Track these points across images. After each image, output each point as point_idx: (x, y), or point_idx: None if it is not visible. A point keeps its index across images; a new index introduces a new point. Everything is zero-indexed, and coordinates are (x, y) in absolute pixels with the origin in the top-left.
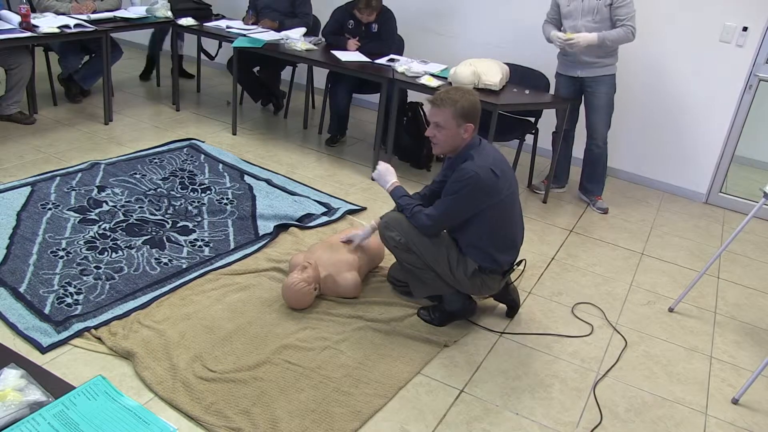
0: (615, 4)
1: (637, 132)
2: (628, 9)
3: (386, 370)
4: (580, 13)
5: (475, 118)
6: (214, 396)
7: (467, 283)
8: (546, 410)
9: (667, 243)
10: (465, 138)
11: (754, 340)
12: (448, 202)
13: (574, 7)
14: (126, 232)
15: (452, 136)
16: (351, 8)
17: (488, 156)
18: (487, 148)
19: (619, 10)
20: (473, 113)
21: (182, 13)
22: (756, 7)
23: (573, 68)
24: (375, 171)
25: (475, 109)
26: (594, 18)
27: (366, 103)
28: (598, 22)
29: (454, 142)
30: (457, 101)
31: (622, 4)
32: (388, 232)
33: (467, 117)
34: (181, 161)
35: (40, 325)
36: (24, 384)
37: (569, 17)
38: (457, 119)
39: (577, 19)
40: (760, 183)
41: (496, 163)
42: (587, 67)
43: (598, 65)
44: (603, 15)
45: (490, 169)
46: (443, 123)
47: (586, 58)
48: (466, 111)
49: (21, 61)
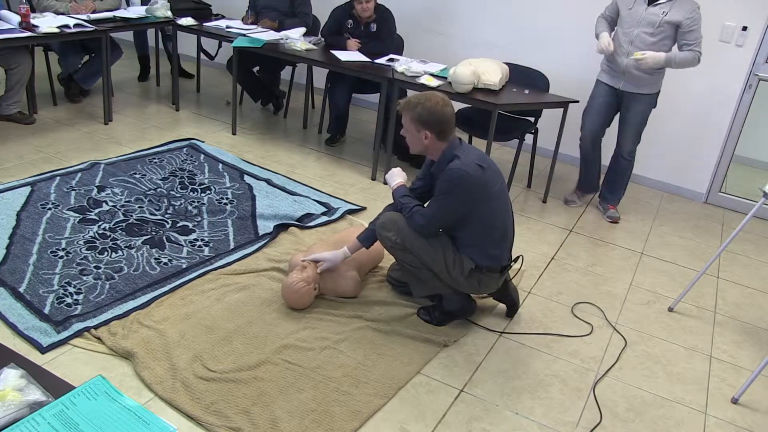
0: (684, 28)
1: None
2: (697, 34)
3: (386, 370)
4: (638, 22)
5: (434, 126)
6: (214, 396)
7: (464, 282)
8: (546, 410)
9: (667, 243)
10: (426, 143)
11: (754, 339)
12: (441, 202)
13: (633, 15)
14: (126, 232)
15: (415, 140)
16: (350, 8)
17: (472, 153)
18: (469, 147)
19: (689, 35)
20: (431, 121)
21: (182, 13)
22: (756, 6)
23: (617, 79)
24: (389, 171)
25: (434, 118)
26: (653, 31)
27: (366, 103)
28: (655, 36)
29: (419, 146)
30: (415, 107)
31: (692, 28)
32: (384, 233)
33: (424, 124)
34: (181, 161)
35: (40, 325)
36: (24, 384)
37: (625, 24)
38: (415, 124)
39: (633, 28)
40: (759, 183)
41: (481, 157)
42: (630, 81)
43: (642, 82)
44: (665, 33)
45: (476, 164)
46: (405, 126)
47: (635, 73)
48: (423, 118)
49: (21, 61)
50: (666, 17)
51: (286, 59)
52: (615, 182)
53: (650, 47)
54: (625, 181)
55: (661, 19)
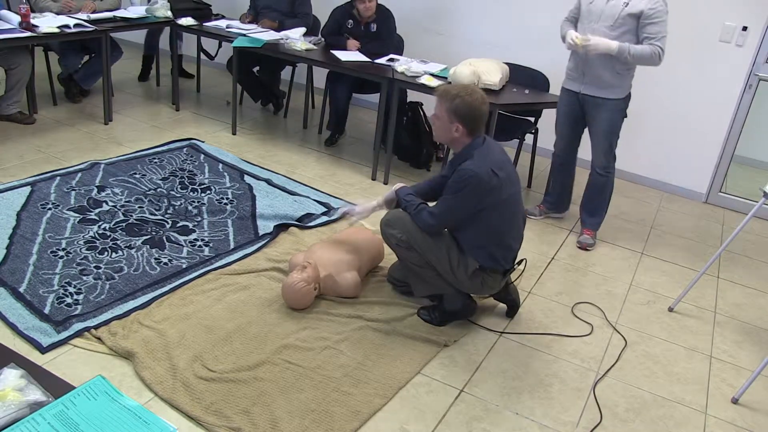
0: (645, 18)
1: (637, 132)
2: (659, 28)
3: (386, 370)
4: (599, 16)
5: (468, 121)
6: (214, 396)
7: (468, 282)
8: (546, 410)
9: (667, 243)
10: (456, 136)
11: (754, 339)
12: (449, 200)
13: (593, 9)
14: (126, 232)
15: (444, 130)
16: (350, 8)
17: (491, 156)
18: (492, 148)
19: (650, 27)
20: (467, 115)
21: (182, 13)
22: (756, 6)
23: (577, 82)
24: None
25: (471, 112)
26: (613, 25)
27: (366, 103)
28: (616, 29)
29: (447, 136)
30: (454, 99)
31: (654, 20)
32: (389, 230)
33: (459, 117)
34: (181, 161)
35: (40, 325)
36: (24, 384)
37: (586, 19)
38: (449, 115)
39: (593, 23)
40: (760, 183)
41: (499, 163)
42: (590, 84)
43: (602, 84)
44: (627, 26)
45: (490, 169)
46: (438, 113)
47: (594, 72)
48: (460, 111)
49: (21, 61)
50: (627, 8)
51: (286, 59)
52: (591, 202)
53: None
54: (603, 201)
55: (621, 11)
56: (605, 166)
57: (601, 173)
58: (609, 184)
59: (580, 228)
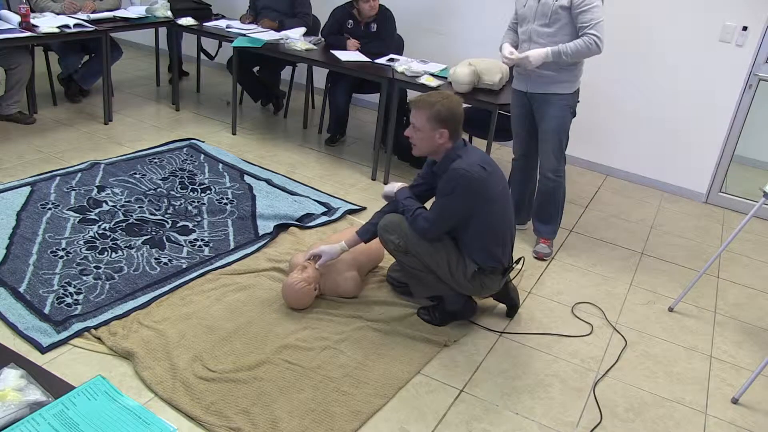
0: (576, 9)
1: (637, 131)
2: (592, 15)
3: (386, 370)
4: (533, 16)
5: (451, 124)
6: (214, 396)
7: (467, 284)
8: (546, 410)
9: (667, 243)
10: (440, 143)
11: (754, 340)
12: (443, 203)
13: (528, 10)
14: (126, 232)
15: (427, 139)
16: (350, 8)
17: (475, 155)
18: (473, 149)
19: (582, 16)
20: (450, 119)
21: (182, 13)
22: (756, 6)
23: (523, 82)
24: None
25: (453, 115)
26: (549, 22)
27: (366, 103)
28: (552, 25)
29: (430, 145)
30: (434, 105)
31: (584, 8)
32: (387, 236)
33: (443, 122)
34: (181, 161)
35: (40, 325)
36: (24, 384)
37: (524, 22)
38: (432, 123)
39: (530, 23)
40: (760, 183)
41: (486, 160)
42: (535, 82)
43: (547, 80)
44: (562, 21)
45: (479, 165)
46: (419, 125)
47: (537, 71)
48: (443, 116)
49: (21, 61)
50: (558, 2)
51: (286, 59)
52: (543, 210)
53: (549, 40)
54: (555, 208)
55: (553, 6)
56: (555, 169)
57: (551, 177)
58: (560, 189)
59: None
